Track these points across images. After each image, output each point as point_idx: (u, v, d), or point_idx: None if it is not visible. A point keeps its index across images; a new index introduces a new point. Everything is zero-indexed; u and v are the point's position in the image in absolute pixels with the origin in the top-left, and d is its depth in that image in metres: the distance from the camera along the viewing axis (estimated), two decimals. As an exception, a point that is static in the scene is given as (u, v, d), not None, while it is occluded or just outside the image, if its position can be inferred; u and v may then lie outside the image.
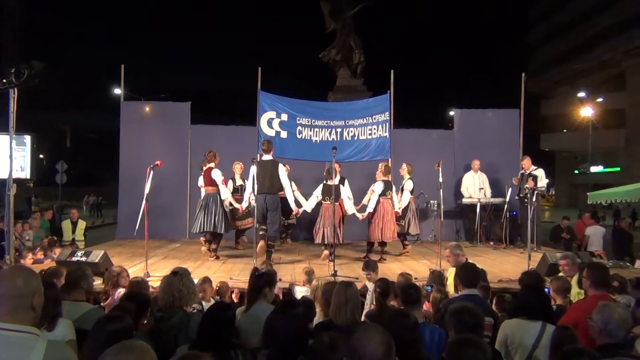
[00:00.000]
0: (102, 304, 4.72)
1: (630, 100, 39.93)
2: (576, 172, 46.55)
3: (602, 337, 2.96)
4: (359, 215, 8.50)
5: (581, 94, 36.09)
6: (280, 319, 2.84)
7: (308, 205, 8.75)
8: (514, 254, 9.14)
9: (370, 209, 8.43)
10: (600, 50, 41.75)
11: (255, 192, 7.57)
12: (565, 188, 48.95)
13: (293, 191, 9.67)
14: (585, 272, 3.96)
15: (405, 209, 9.36)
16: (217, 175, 8.25)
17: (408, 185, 9.46)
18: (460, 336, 2.69)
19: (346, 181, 9.21)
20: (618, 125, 40.85)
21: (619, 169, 41.52)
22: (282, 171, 8.01)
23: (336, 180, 9.58)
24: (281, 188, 8.04)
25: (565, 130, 44.85)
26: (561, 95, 46.49)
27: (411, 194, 9.48)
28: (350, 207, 8.56)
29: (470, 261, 4.86)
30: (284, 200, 9.88)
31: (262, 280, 4.04)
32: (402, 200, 9.28)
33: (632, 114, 40.18)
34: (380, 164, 8.86)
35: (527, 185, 8.16)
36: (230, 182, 9.61)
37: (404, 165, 9.53)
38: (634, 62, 39.72)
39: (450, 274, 5.41)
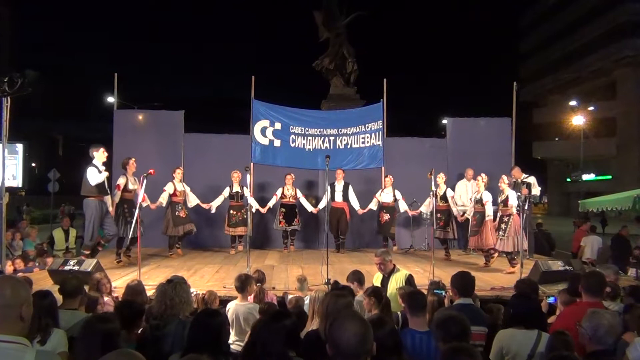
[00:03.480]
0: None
1: (621, 109, 40.29)
2: (568, 180, 46.84)
3: (591, 344, 2.97)
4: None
5: (572, 103, 36.35)
6: (270, 330, 2.80)
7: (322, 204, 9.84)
8: (507, 262, 9.15)
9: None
10: (591, 59, 42.15)
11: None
12: (557, 196, 49.18)
13: (298, 198, 10.09)
14: (582, 280, 4.01)
15: (449, 216, 9.62)
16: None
17: (449, 192, 9.69)
18: (453, 344, 2.68)
19: (350, 186, 10.09)
20: (609, 134, 41.19)
21: (610, 177, 41.80)
22: (89, 172, 7.59)
23: (340, 185, 9.88)
24: (88, 190, 7.63)
25: (557, 139, 45.14)
26: (553, 104, 46.85)
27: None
28: (357, 208, 10.02)
29: (464, 270, 4.85)
30: (290, 206, 10.01)
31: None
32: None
33: (623, 123, 40.55)
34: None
35: (519, 193, 8.17)
36: (227, 189, 9.85)
37: (442, 174, 9.60)
38: (624, 71, 40.14)
39: (377, 279, 5.44)
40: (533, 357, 3.28)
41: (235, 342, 4.41)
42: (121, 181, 8.39)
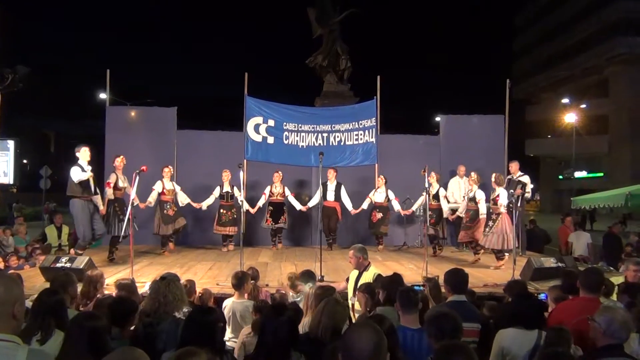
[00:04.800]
0: (81, 308, 4.64)
1: (613, 107, 40.52)
2: (560, 177, 47.08)
3: (604, 338, 2.98)
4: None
5: (565, 100, 36.49)
6: (269, 324, 2.80)
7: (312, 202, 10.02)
8: (495, 258, 9.18)
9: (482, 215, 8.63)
10: (584, 57, 42.35)
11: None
12: (549, 193, 49.40)
13: (286, 196, 10.00)
14: (580, 276, 4.05)
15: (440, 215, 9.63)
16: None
17: (442, 191, 9.72)
18: (447, 342, 2.68)
19: (342, 186, 10.06)
20: (601, 131, 41.42)
21: (602, 174, 42.04)
22: (73, 171, 7.58)
23: (333, 186, 9.87)
24: (73, 189, 7.64)
25: (549, 136, 45.35)
26: (545, 102, 47.04)
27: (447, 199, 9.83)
28: (350, 208, 10.03)
29: (457, 267, 4.85)
30: (278, 204, 9.98)
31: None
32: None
33: (615, 120, 40.78)
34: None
35: (512, 191, 8.22)
36: (217, 189, 9.81)
37: (433, 174, 9.55)
38: (616, 69, 40.35)
39: (353, 275, 5.41)
40: (534, 357, 3.27)
41: (231, 339, 4.40)
42: (111, 178, 8.38)
